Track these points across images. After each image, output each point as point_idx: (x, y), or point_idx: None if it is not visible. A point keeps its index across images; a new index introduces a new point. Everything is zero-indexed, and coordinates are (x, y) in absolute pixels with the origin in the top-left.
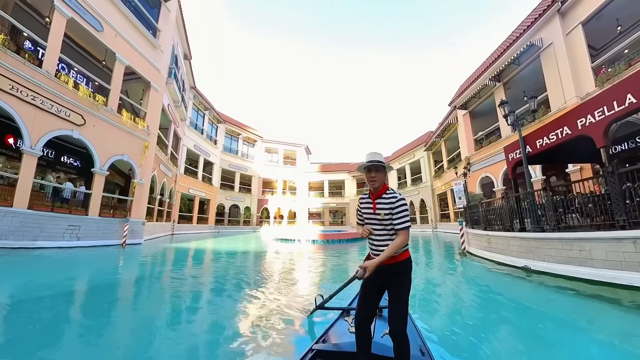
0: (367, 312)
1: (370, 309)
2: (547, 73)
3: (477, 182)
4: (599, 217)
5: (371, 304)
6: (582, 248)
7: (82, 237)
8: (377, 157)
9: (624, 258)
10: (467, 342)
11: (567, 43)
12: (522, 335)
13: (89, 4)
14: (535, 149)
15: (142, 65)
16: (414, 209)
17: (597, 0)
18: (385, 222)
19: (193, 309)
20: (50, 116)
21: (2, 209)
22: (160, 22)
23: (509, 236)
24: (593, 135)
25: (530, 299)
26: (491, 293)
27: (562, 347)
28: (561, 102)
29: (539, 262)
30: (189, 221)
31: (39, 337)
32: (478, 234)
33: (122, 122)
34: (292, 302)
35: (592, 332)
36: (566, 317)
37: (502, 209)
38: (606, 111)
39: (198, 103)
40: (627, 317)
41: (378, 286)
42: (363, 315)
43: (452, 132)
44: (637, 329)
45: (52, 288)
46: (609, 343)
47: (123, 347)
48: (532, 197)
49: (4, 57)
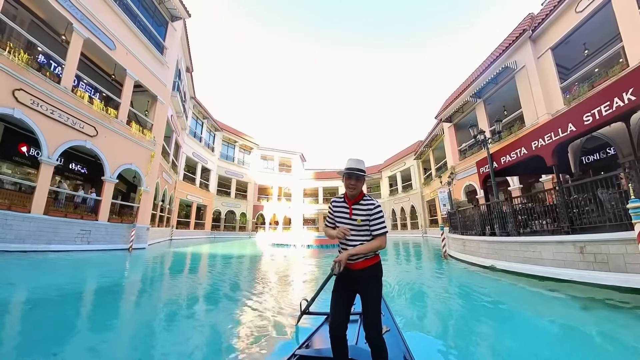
0: (341, 320)
1: (344, 317)
2: (522, 92)
3: (462, 190)
4: (551, 224)
5: (344, 311)
6: (535, 250)
7: (93, 242)
8: (358, 164)
9: (566, 258)
10: (437, 324)
11: (538, 66)
12: (484, 316)
13: (103, 25)
14: (500, 165)
15: (150, 80)
16: (405, 215)
17: (564, 28)
18: (360, 227)
19: (188, 314)
20: (66, 128)
21: (21, 214)
22: (167, 40)
23: (479, 240)
24: (544, 155)
25: (493, 291)
26: (463, 287)
27: (509, 323)
28: (534, 118)
29: (502, 262)
30: (187, 227)
31: (73, 328)
32: (456, 238)
33: (131, 134)
34: (282, 307)
35: (531, 313)
36: (515, 303)
37: (474, 216)
38: (553, 136)
39: (197, 112)
40: (562, 303)
41: (350, 292)
42: (337, 324)
43: (439, 142)
44: (565, 311)
45: (87, 286)
46: (545, 321)
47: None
48: (499, 207)
49: (27, 75)
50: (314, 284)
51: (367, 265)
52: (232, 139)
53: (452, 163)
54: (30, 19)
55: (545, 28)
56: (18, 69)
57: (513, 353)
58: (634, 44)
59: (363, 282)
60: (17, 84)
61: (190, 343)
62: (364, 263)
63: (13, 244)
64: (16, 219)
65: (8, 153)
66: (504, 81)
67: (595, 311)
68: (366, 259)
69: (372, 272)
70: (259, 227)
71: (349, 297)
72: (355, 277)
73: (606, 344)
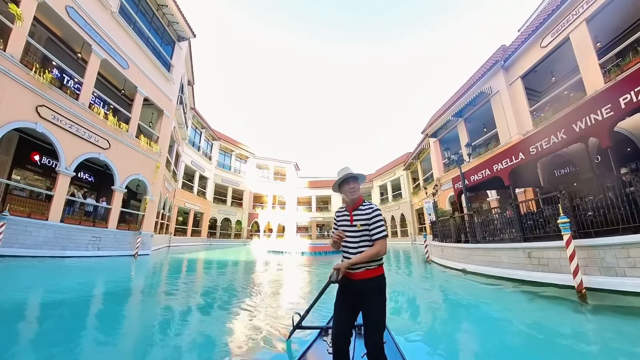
0: (344, 333)
1: (346, 330)
2: (496, 114)
3: (446, 200)
4: (509, 233)
5: (347, 324)
6: (495, 255)
7: (102, 248)
8: (348, 170)
9: (518, 261)
10: (415, 311)
11: (510, 91)
12: (454, 307)
13: (118, 46)
14: (470, 182)
15: (158, 96)
16: (395, 223)
17: (531, 60)
18: (361, 232)
19: (183, 323)
20: (83, 141)
21: (40, 222)
22: (174, 58)
23: (453, 246)
24: (502, 176)
25: (462, 289)
26: (439, 285)
27: (474, 310)
28: (507, 137)
29: (471, 265)
30: (184, 234)
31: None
32: (436, 245)
33: (140, 146)
34: (276, 320)
35: (489, 304)
36: (479, 297)
37: (450, 226)
38: (508, 162)
39: (196, 122)
40: (514, 297)
41: (352, 304)
42: (340, 338)
43: (425, 155)
44: (513, 303)
45: (116, 287)
46: (500, 310)
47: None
48: (470, 218)
49: (49, 92)
50: (309, 290)
51: (369, 277)
52: (229, 148)
53: (438, 175)
54: (47, 36)
55: (515, 59)
56: (42, 87)
57: (478, 333)
58: (590, 76)
59: (364, 293)
60: (40, 101)
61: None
62: (365, 273)
63: (31, 249)
64: (35, 226)
65: (22, 161)
66: (480, 103)
67: (536, 302)
68: (367, 270)
69: (374, 283)
70: (253, 234)
71: (351, 310)
72: (355, 289)
73: (544, 323)
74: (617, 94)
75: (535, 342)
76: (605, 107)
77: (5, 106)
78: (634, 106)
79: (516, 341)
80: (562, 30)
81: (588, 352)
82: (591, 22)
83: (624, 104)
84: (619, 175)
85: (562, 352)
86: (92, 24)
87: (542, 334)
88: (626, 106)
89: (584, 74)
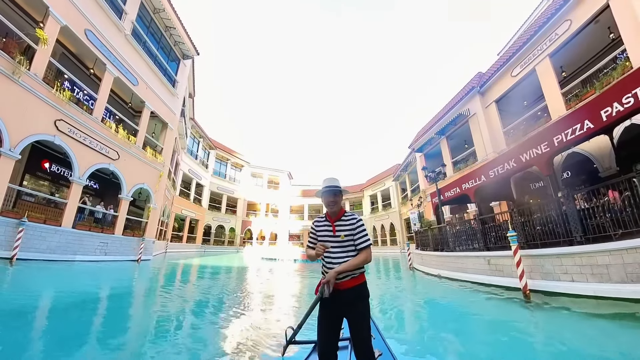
0: (330, 347)
1: (333, 343)
2: (474, 133)
3: (432, 211)
4: (475, 243)
5: (333, 338)
6: (463, 262)
7: (109, 253)
8: (333, 182)
9: (481, 268)
10: (397, 307)
11: (485, 114)
12: (430, 307)
13: (129, 65)
14: (445, 198)
15: (163, 110)
16: (385, 232)
17: (504, 87)
18: (345, 243)
19: (179, 330)
20: (95, 153)
21: (53, 227)
22: (179, 75)
23: (431, 254)
24: (469, 194)
25: (436, 290)
26: (418, 288)
27: (447, 309)
28: (484, 155)
29: (445, 271)
30: (180, 240)
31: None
32: (418, 253)
33: (146, 157)
34: (270, 332)
35: (456, 303)
36: (448, 298)
37: (429, 236)
38: (474, 182)
39: (195, 132)
40: (472, 295)
41: (337, 316)
42: (326, 351)
43: (412, 167)
44: (474, 300)
45: (122, 288)
46: (462, 305)
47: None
48: (444, 229)
49: (67, 107)
50: (305, 296)
51: (354, 285)
52: (225, 157)
53: (423, 187)
54: (61, 52)
55: (490, 85)
56: (61, 102)
57: (447, 324)
58: (553, 104)
59: (350, 303)
60: (58, 115)
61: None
62: (350, 282)
63: (45, 253)
64: (49, 232)
65: (32, 168)
66: (460, 123)
67: (493, 300)
68: (353, 278)
69: (358, 292)
70: (246, 242)
71: (336, 322)
72: (341, 299)
73: (498, 316)
74: (552, 133)
75: (489, 327)
76: (544, 143)
77: (28, 120)
78: (565, 144)
79: (473, 327)
80: (529, 63)
81: (529, 333)
82: (554, 56)
83: (557, 143)
84: (557, 198)
85: (510, 335)
86: (107, 45)
87: (495, 323)
88: (558, 144)
89: (549, 102)
